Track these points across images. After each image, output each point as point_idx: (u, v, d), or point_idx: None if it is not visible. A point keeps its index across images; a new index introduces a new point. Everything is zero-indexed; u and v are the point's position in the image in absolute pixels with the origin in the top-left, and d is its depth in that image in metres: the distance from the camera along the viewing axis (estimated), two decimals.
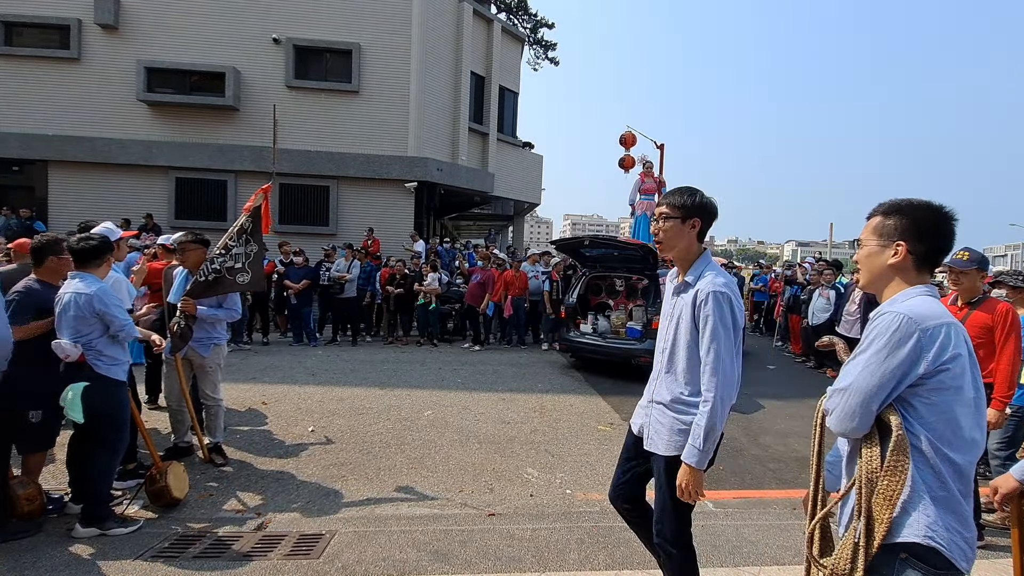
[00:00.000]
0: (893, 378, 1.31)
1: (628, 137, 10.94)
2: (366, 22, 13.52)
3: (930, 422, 1.31)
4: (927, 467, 1.30)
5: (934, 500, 1.29)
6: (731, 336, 1.95)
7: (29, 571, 2.69)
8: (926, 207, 1.45)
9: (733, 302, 1.98)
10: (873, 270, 1.50)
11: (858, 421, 1.36)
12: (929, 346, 1.29)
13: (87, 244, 3.19)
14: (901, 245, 1.43)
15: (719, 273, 2.03)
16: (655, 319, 7.37)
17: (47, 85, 12.80)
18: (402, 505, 3.65)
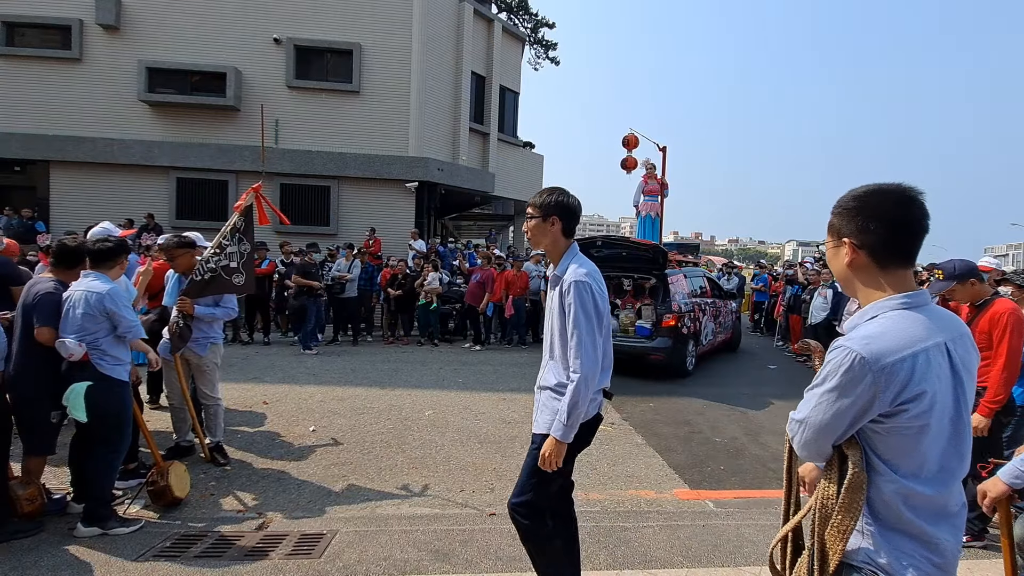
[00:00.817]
0: (846, 417, 1.20)
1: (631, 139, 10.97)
2: (367, 22, 13.53)
3: (892, 457, 1.20)
4: (887, 499, 1.21)
5: (898, 533, 1.21)
6: (592, 321, 2.11)
7: (31, 571, 2.70)
8: (866, 192, 1.27)
9: (594, 289, 2.13)
10: (837, 273, 1.35)
11: (814, 454, 1.30)
12: (887, 387, 1.14)
13: (104, 246, 3.26)
14: (845, 242, 1.27)
15: (582, 264, 2.20)
16: (666, 318, 7.59)
17: (48, 85, 12.82)
18: (403, 505, 3.65)
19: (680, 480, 4.24)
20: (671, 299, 7.83)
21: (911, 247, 1.24)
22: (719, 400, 6.68)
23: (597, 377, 2.12)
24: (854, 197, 1.27)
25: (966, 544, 3.24)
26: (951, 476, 1.22)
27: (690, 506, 3.80)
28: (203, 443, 4.20)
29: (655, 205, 10.91)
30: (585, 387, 2.07)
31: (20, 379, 3.06)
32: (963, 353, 1.23)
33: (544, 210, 2.24)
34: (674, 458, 4.69)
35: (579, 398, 2.07)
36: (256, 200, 4.50)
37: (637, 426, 5.51)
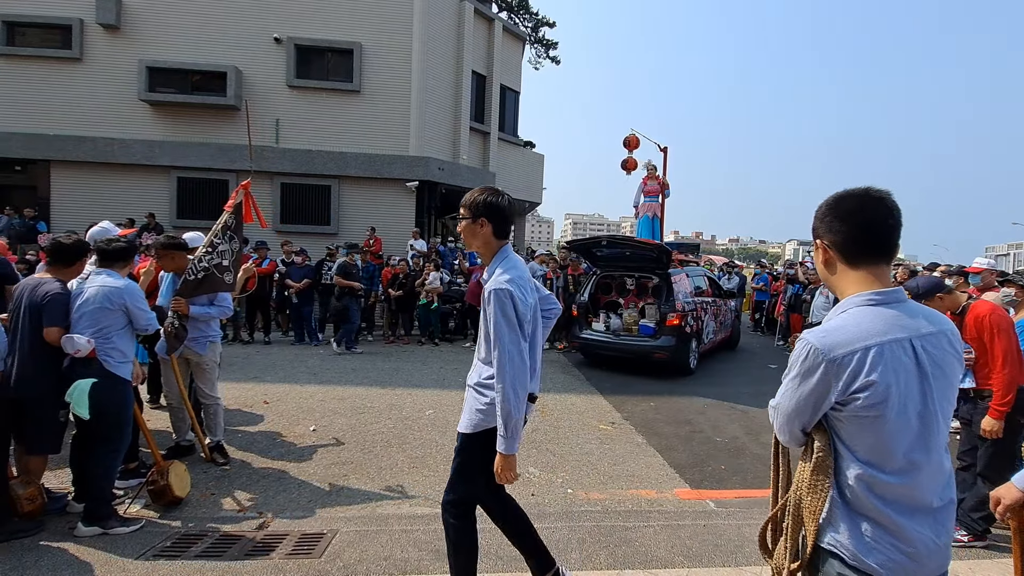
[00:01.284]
0: (808, 404, 1.30)
1: (632, 139, 10.97)
2: (367, 21, 13.52)
3: (854, 444, 1.28)
4: (851, 483, 1.28)
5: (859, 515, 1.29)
6: (514, 329, 2.06)
7: (31, 570, 2.69)
8: (836, 197, 1.37)
9: (514, 295, 2.06)
10: (819, 273, 1.45)
11: (787, 437, 1.40)
12: (838, 376, 1.24)
13: (118, 245, 3.35)
14: (819, 242, 1.39)
15: (508, 269, 2.13)
16: (669, 317, 7.65)
17: (49, 85, 12.82)
18: (403, 504, 3.65)
19: (681, 480, 4.24)
20: (675, 298, 7.86)
21: (878, 244, 1.31)
22: (720, 399, 6.68)
23: (526, 385, 2.09)
24: (826, 202, 1.38)
25: (967, 544, 3.23)
26: (917, 469, 1.26)
27: (691, 506, 3.80)
28: (203, 443, 4.20)
29: (655, 205, 10.91)
30: (514, 395, 2.04)
31: (27, 379, 3.05)
32: (933, 350, 1.28)
33: (473, 210, 2.20)
34: (675, 458, 4.68)
35: (510, 407, 2.04)
36: (245, 197, 4.52)
37: (638, 426, 5.51)
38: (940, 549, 1.29)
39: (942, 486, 1.31)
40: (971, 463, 3.41)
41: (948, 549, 1.31)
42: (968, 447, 3.45)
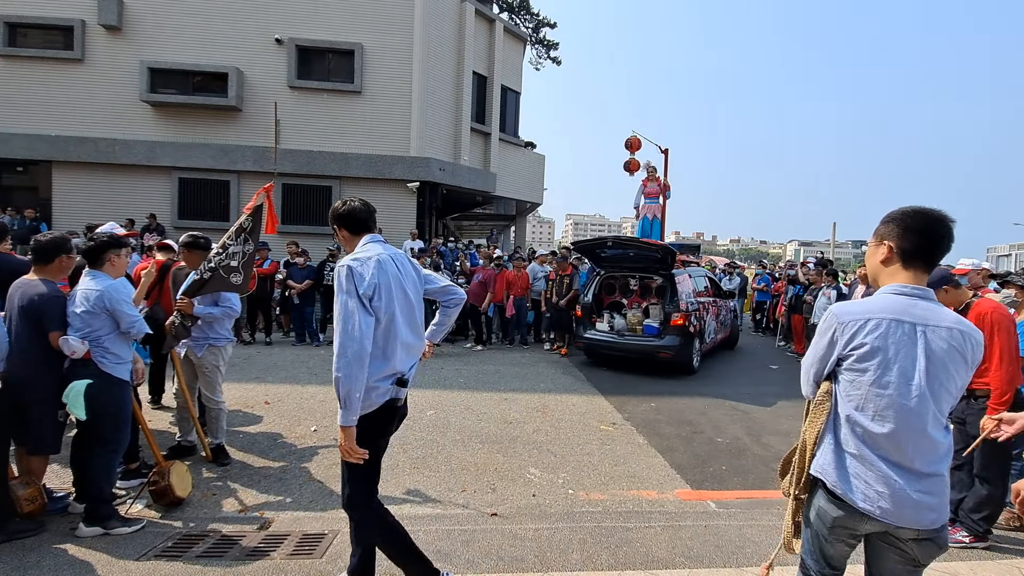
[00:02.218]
0: (821, 357, 1.73)
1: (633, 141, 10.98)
2: (368, 22, 13.54)
3: (848, 392, 1.66)
4: (841, 425, 1.67)
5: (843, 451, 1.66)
6: (343, 298, 2.16)
7: (32, 570, 2.70)
8: (911, 212, 1.67)
9: (353, 271, 2.19)
10: (871, 266, 1.77)
11: (807, 388, 1.81)
12: (841, 336, 1.65)
13: (89, 244, 3.25)
14: (885, 244, 1.69)
15: (356, 254, 2.31)
16: (674, 317, 7.74)
17: (51, 86, 12.86)
18: (404, 505, 3.65)
19: (682, 480, 4.23)
20: (678, 298, 7.90)
21: (933, 257, 1.65)
22: (721, 400, 6.68)
23: (363, 360, 2.12)
24: (903, 213, 1.68)
25: (969, 545, 3.23)
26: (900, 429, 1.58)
27: (692, 506, 3.79)
28: (204, 443, 4.20)
29: (655, 207, 10.93)
30: (347, 368, 2.08)
31: (24, 380, 3.06)
32: (939, 341, 1.58)
33: (331, 223, 2.50)
34: (676, 458, 4.68)
35: (342, 377, 2.08)
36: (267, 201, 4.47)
37: (639, 426, 5.50)
38: (914, 503, 1.56)
39: (932, 458, 1.59)
40: (965, 463, 3.42)
41: (926, 508, 1.56)
42: (961, 446, 3.45)
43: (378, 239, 2.45)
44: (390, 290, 2.27)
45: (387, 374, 2.27)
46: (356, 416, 2.14)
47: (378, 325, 2.23)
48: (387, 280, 2.27)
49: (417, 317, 2.45)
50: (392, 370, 2.29)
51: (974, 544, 3.23)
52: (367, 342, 2.14)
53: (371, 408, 2.23)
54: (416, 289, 2.48)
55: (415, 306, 2.44)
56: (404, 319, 2.35)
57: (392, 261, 2.37)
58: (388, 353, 2.28)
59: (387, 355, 2.28)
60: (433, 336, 2.72)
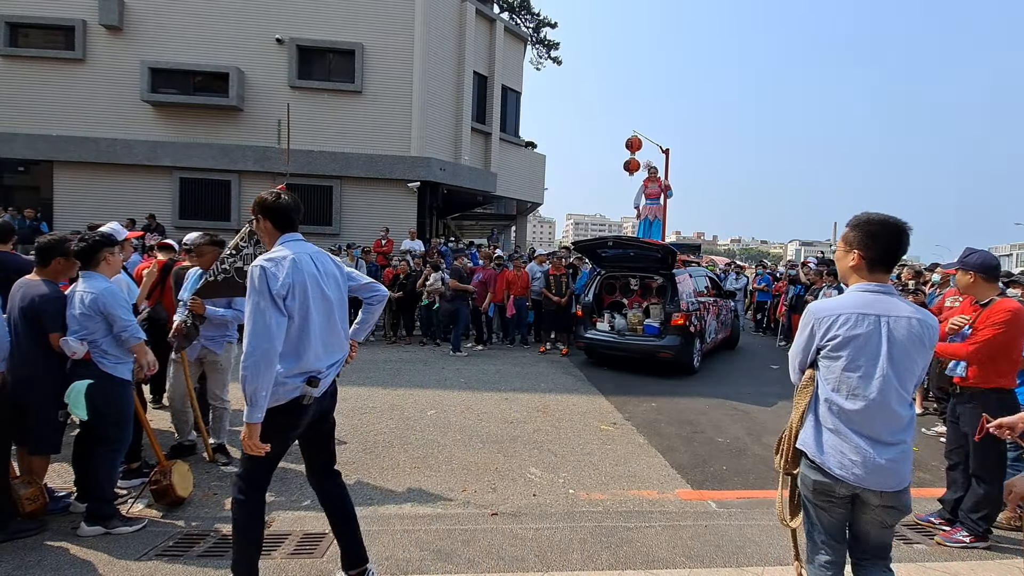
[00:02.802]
0: (804, 347, 2.01)
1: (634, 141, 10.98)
2: (369, 22, 13.54)
3: (826, 376, 1.94)
4: (821, 405, 1.96)
5: (822, 427, 1.94)
6: (255, 298, 2.19)
7: (34, 569, 2.70)
8: (877, 221, 1.93)
9: (266, 271, 2.22)
10: (842, 269, 2.05)
11: (793, 375, 2.08)
12: (819, 329, 1.94)
13: (81, 244, 3.19)
14: (855, 252, 1.95)
15: (272, 253, 2.34)
16: (674, 316, 7.74)
17: (52, 86, 12.87)
18: (405, 504, 3.65)
19: (683, 480, 4.23)
20: (679, 298, 7.89)
21: (891, 263, 1.95)
22: (722, 400, 6.67)
23: (271, 360, 2.16)
24: (866, 220, 1.95)
25: (969, 545, 3.23)
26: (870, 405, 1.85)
27: (692, 506, 3.79)
28: (207, 443, 4.20)
29: (656, 208, 10.92)
30: (255, 367, 2.12)
31: (24, 380, 3.06)
32: (900, 330, 1.86)
33: (254, 211, 2.49)
34: (676, 458, 4.68)
35: (250, 376, 2.12)
36: None
37: (639, 426, 5.50)
38: (882, 468, 1.83)
39: (896, 428, 1.87)
40: (958, 462, 3.42)
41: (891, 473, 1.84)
42: (955, 446, 3.46)
43: (297, 238, 2.47)
44: (305, 289, 2.30)
45: (298, 371, 2.31)
46: (262, 414, 2.18)
47: (292, 324, 2.27)
48: (302, 279, 2.30)
49: (336, 315, 2.47)
50: (304, 368, 2.32)
51: (974, 544, 3.23)
52: (276, 342, 2.18)
53: (278, 402, 2.28)
54: (338, 287, 2.51)
55: (334, 304, 2.46)
56: (320, 318, 2.37)
57: (311, 260, 2.40)
58: (300, 351, 2.32)
59: (299, 353, 2.32)
60: (356, 335, 2.74)
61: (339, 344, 2.51)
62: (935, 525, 3.47)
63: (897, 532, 3.41)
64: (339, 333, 2.51)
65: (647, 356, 8.00)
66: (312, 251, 2.47)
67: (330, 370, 2.45)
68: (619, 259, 8.80)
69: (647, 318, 8.45)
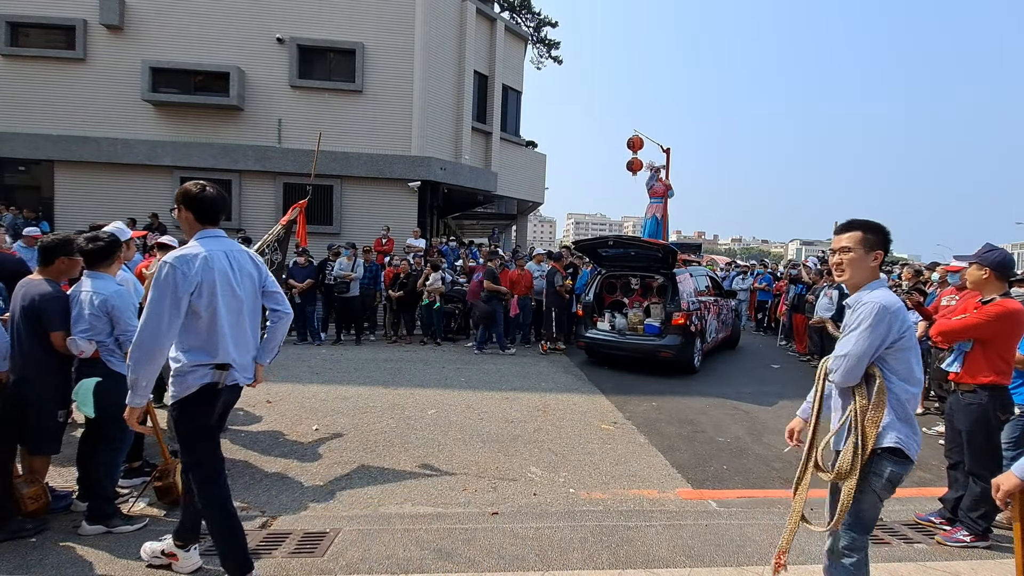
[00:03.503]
0: (874, 345, 2.02)
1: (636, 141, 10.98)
2: (370, 22, 13.53)
3: (897, 370, 2.04)
4: (896, 399, 2.04)
5: (900, 419, 2.04)
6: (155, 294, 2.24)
7: (35, 568, 2.71)
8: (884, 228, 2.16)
9: (176, 269, 2.26)
10: (866, 270, 2.14)
11: (852, 378, 2.06)
12: (895, 322, 2.01)
13: (96, 245, 3.21)
14: (880, 253, 2.13)
15: (188, 250, 2.36)
16: (675, 316, 7.75)
17: (53, 85, 12.86)
18: (406, 503, 3.66)
19: (683, 480, 4.24)
20: (680, 297, 7.89)
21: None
22: (722, 399, 6.67)
23: (154, 356, 2.25)
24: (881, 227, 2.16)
25: (970, 544, 3.23)
26: (921, 381, 2.09)
27: (693, 506, 3.80)
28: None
29: (659, 207, 10.93)
30: (139, 359, 2.23)
31: (25, 380, 3.06)
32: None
33: (177, 200, 2.50)
34: (677, 457, 4.68)
35: (134, 366, 2.24)
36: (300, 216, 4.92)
37: (640, 425, 5.50)
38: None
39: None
40: (959, 460, 3.43)
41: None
42: (954, 444, 3.46)
43: (217, 234, 2.50)
44: (214, 287, 2.34)
45: (207, 364, 2.36)
46: (143, 400, 2.32)
47: (200, 320, 2.33)
48: (212, 278, 2.33)
49: (247, 312, 2.52)
50: (216, 362, 2.38)
51: (975, 543, 3.23)
52: (165, 341, 2.25)
53: (188, 391, 2.35)
54: (253, 286, 2.56)
55: (245, 302, 2.50)
56: (230, 316, 2.42)
57: (225, 257, 2.43)
58: (211, 346, 2.37)
59: (210, 348, 2.37)
60: (261, 357, 2.70)
61: (248, 345, 2.56)
62: (936, 525, 3.47)
63: (898, 532, 3.41)
64: (246, 333, 2.55)
65: (648, 356, 8.00)
66: (230, 248, 2.50)
67: (244, 366, 2.52)
68: (620, 258, 8.81)
69: (648, 317, 8.46)
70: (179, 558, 2.66)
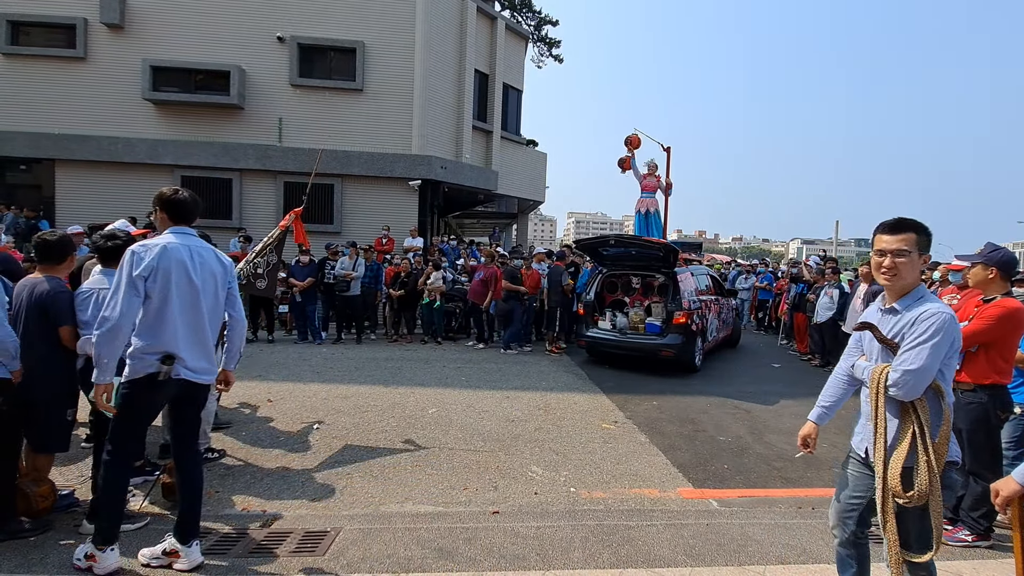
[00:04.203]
0: (940, 359, 1.93)
1: (634, 139, 10.91)
2: (370, 20, 13.52)
3: (949, 379, 1.99)
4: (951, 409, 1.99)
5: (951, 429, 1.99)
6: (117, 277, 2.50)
7: (37, 567, 2.71)
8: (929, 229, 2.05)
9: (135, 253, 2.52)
10: (914, 272, 2.03)
11: (918, 391, 1.95)
12: (954, 333, 1.95)
13: (113, 243, 3.26)
14: (928, 256, 2.04)
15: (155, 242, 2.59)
16: (676, 315, 7.76)
17: (54, 84, 12.86)
18: (406, 502, 3.66)
19: (684, 479, 4.23)
20: (681, 296, 7.90)
21: None
22: (723, 398, 6.67)
23: (116, 334, 2.44)
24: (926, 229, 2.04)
25: (972, 544, 3.22)
26: None
27: (694, 505, 3.79)
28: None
29: (652, 201, 10.77)
30: (102, 338, 2.44)
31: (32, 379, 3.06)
32: None
33: (155, 204, 2.75)
34: (678, 457, 4.68)
35: (96, 344, 2.45)
36: (296, 223, 5.44)
37: (641, 425, 5.50)
38: None
39: None
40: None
41: None
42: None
43: (185, 231, 2.72)
44: (168, 274, 2.53)
45: (154, 350, 2.54)
46: (108, 376, 2.50)
47: (151, 303, 2.53)
48: (167, 265, 2.53)
49: (205, 308, 2.67)
50: (160, 348, 2.55)
51: (977, 543, 3.23)
52: (124, 320, 2.45)
53: (137, 375, 2.54)
54: (215, 283, 2.72)
55: (200, 294, 2.65)
56: (182, 303, 2.59)
57: (187, 250, 2.63)
58: (157, 331, 2.54)
59: (156, 332, 2.54)
60: (226, 363, 2.97)
61: (204, 342, 2.67)
62: None
63: None
64: (203, 330, 2.66)
65: (649, 355, 8.01)
66: (195, 244, 2.69)
67: (195, 363, 2.64)
68: (621, 257, 8.82)
69: (649, 316, 8.47)
70: (181, 555, 2.68)
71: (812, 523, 3.46)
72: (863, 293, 7.82)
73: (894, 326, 2.02)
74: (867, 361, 2.17)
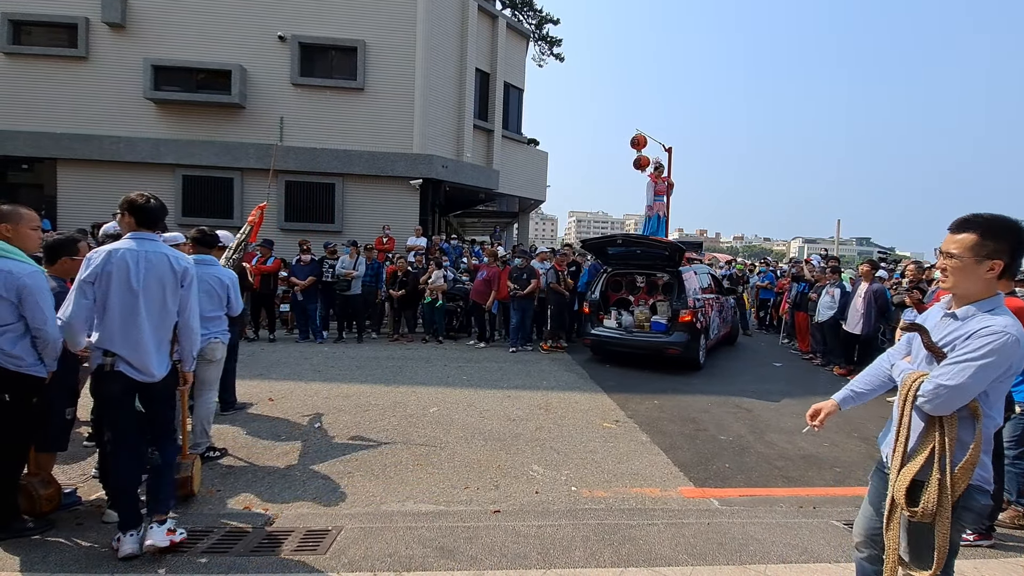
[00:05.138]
0: (987, 381, 1.72)
1: (639, 139, 11.01)
2: (371, 19, 13.51)
3: (995, 401, 1.78)
4: (987, 432, 1.77)
5: (987, 454, 1.80)
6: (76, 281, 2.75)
7: (39, 565, 2.72)
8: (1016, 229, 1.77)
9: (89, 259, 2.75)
10: (971, 282, 1.80)
11: (951, 408, 1.76)
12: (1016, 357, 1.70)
13: None
14: (999, 264, 1.76)
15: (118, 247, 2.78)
16: (682, 313, 7.83)
17: (55, 83, 12.87)
18: (408, 501, 3.66)
19: (685, 478, 4.23)
20: (686, 295, 7.95)
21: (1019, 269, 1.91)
22: (724, 397, 6.67)
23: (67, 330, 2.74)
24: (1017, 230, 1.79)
25: (973, 543, 3.22)
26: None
27: (695, 504, 3.79)
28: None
29: (661, 205, 10.95)
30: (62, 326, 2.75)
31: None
32: None
33: (123, 208, 2.89)
34: (679, 456, 4.68)
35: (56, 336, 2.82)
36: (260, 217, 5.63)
37: (642, 424, 5.50)
38: None
39: None
40: None
41: None
42: None
43: (145, 236, 2.86)
44: (109, 278, 2.71)
45: (99, 346, 2.75)
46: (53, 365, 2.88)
47: (94, 304, 2.73)
48: (109, 270, 2.71)
49: (144, 309, 2.78)
50: (101, 344, 2.74)
51: (978, 542, 3.22)
52: (74, 320, 2.70)
53: (94, 367, 2.78)
54: (161, 287, 2.83)
55: (140, 299, 2.77)
56: (122, 308, 2.74)
57: (134, 255, 2.76)
58: (99, 328, 2.75)
59: (100, 331, 2.75)
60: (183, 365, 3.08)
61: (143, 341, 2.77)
62: None
63: None
64: (143, 331, 2.78)
65: (655, 352, 8.06)
66: (150, 249, 2.82)
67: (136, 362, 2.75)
68: (626, 256, 8.87)
69: (654, 315, 8.53)
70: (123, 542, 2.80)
71: (814, 522, 3.46)
72: (864, 292, 7.88)
73: (949, 333, 1.84)
74: (910, 363, 2.00)
